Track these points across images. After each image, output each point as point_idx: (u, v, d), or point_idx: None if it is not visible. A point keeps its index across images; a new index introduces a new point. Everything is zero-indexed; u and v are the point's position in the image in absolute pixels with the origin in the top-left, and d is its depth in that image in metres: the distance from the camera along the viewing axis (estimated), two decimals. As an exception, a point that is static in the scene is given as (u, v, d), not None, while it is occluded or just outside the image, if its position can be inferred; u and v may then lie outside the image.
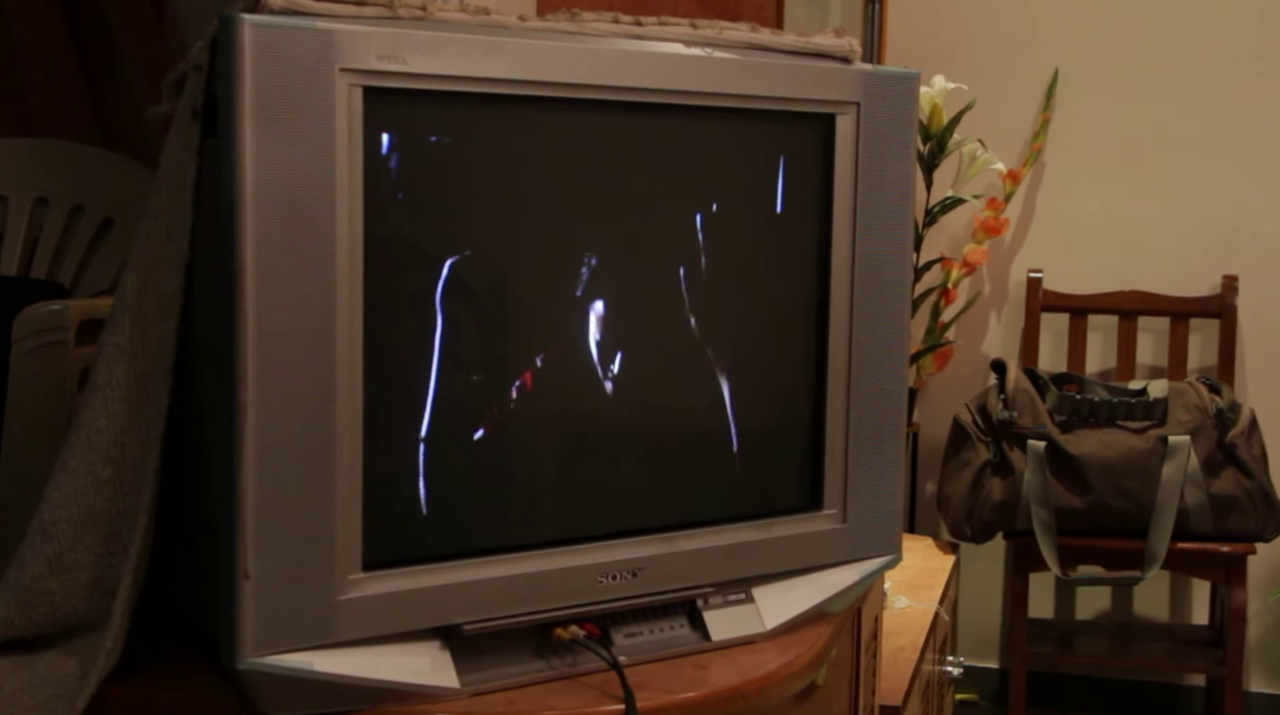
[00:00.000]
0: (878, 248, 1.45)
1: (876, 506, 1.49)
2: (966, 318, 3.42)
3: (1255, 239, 3.32)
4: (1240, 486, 2.99)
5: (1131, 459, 2.96)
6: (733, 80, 1.32)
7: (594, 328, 1.28)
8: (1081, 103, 3.36)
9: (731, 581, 1.38)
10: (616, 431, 1.31)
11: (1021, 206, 3.43)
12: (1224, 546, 2.99)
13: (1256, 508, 3.00)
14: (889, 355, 1.48)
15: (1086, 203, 3.40)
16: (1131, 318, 3.36)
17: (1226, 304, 3.30)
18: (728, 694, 1.27)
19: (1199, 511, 2.96)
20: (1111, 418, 3.02)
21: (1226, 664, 3.04)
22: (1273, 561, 3.24)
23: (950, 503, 3.09)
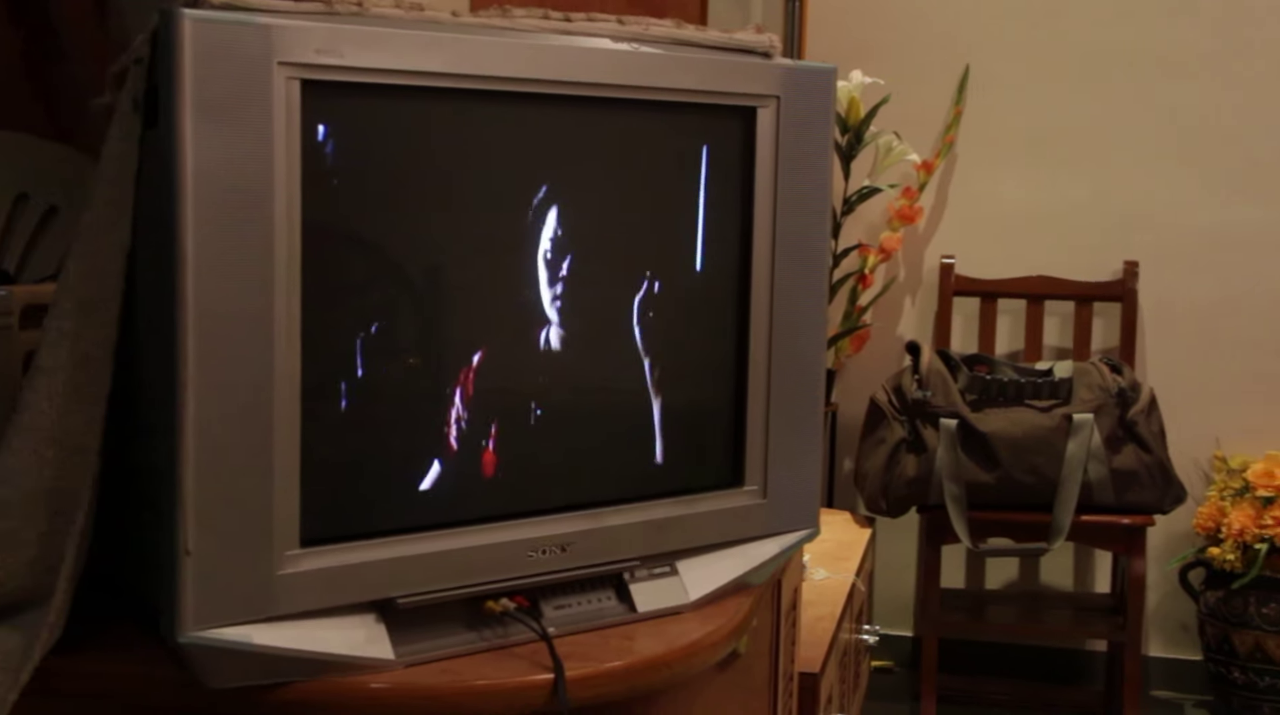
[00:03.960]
0: (797, 235, 1.47)
1: (796, 482, 1.51)
2: (883, 302, 3.46)
3: (1155, 226, 3.38)
4: (1140, 462, 3.05)
5: (1038, 436, 3.01)
6: (658, 74, 1.34)
7: (525, 312, 1.29)
8: (992, 96, 3.41)
9: (657, 555, 1.39)
10: (547, 412, 1.32)
11: (935, 195, 3.47)
12: (1125, 519, 3.05)
13: (1155, 482, 3.06)
14: (808, 338, 1.50)
15: (997, 192, 3.45)
16: (1039, 301, 3.41)
17: (1128, 288, 3.36)
18: (653, 662, 1.28)
19: (1101, 486, 3.02)
20: (1019, 397, 3.07)
21: (1127, 630, 3.10)
22: (1170, 532, 3.31)
23: (867, 479, 3.13)
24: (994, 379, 3.10)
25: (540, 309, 1.29)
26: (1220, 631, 3.19)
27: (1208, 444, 3.32)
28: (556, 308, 1.30)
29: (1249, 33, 3.31)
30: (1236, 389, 3.37)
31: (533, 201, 1.29)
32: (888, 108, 3.26)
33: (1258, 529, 3.10)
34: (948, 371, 3.12)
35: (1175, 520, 3.22)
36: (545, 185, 1.29)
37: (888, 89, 3.25)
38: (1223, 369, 3.37)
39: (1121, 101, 3.38)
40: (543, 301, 1.29)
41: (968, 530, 3.01)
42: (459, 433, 1.25)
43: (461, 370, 1.25)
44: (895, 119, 3.29)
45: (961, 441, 3.02)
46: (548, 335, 1.30)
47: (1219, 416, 3.35)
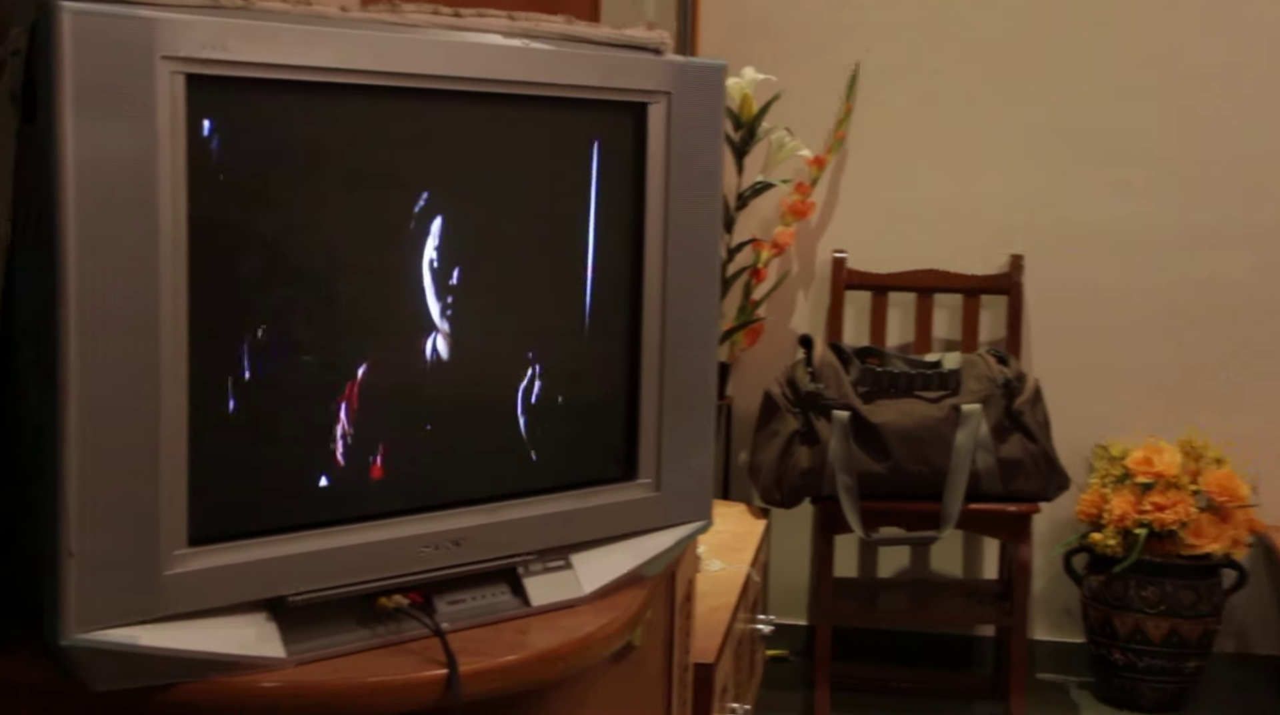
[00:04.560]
0: (689, 230, 1.48)
1: (689, 475, 1.52)
2: (776, 296, 3.49)
3: (1039, 221, 3.44)
4: (1026, 451, 3.11)
5: (928, 426, 3.06)
6: (549, 70, 1.33)
7: (416, 307, 1.28)
8: (882, 93, 3.45)
9: (551, 549, 1.39)
10: (439, 408, 1.31)
11: (827, 191, 3.50)
12: (1011, 506, 3.11)
13: (1040, 470, 3.12)
14: (700, 332, 1.51)
15: (887, 187, 3.49)
16: (928, 295, 3.46)
17: (1013, 282, 3.43)
18: (547, 656, 1.28)
19: (989, 474, 3.07)
20: (910, 388, 3.11)
21: (1013, 615, 3.16)
22: (1055, 519, 3.38)
23: (761, 470, 3.15)
24: (885, 371, 3.14)
25: (432, 305, 1.28)
26: (1102, 614, 3.27)
27: (1090, 433, 3.39)
28: (445, 305, 1.29)
29: (1130, 30, 3.38)
30: (1117, 379, 3.45)
31: (423, 196, 1.28)
32: (781, 104, 3.29)
33: (1137, 514, 3.18)
34: (840, 364, 3.15)
35: (1060, 507, 3.29)
36: (436, 181, 1.29)
37: (780, 86, 3.28)
38: (1104, 360, 3.45)
39: (1009, 99, 3.43)
40: (431, 300, 1.28)
41: (860, 520, 3.05)
42: (349, 431, 1.24)
43: (352, 370, 1.24)
44: (788, 115, 3.31)
45: (854, 433, 3.05)
46: (438, 334, 1.29)
47: (1100, 406, 3.43)
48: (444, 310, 1.29)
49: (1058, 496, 3.17)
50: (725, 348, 3.37)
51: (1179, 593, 3.19)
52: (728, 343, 3.36)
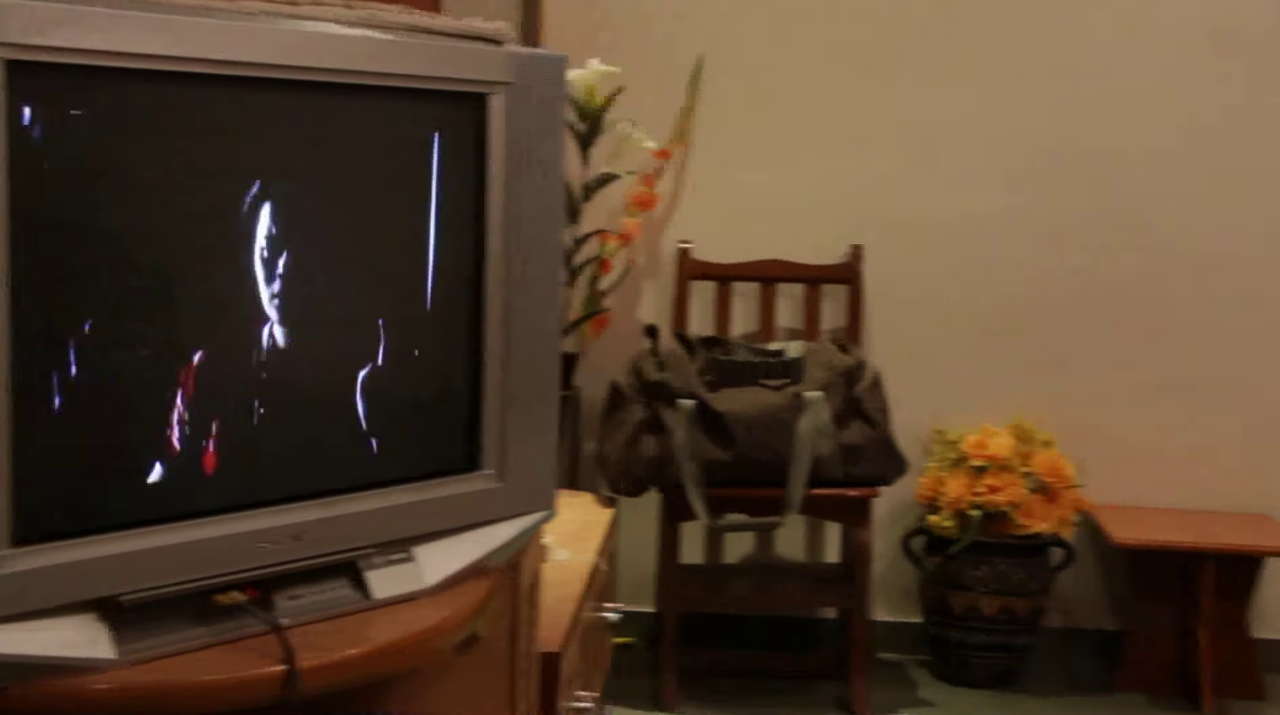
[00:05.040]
0: (531, 221, 1.48)
1: (532, 466, 1.52)
2: (623, 287, 3.50)
3: (878, 212, 3.51)
4: (866, 437, 3.17)
5: (771, 414, 3.10)
6: (387, 60, 1.32)
7: (250, 298, 1.25)
8: (726, 86, 3.48)
9: (393, 541, 1.38)
10: (276, 401, 1.29)
11: (673, 182, 3.52)
12: (852, 491, 3.17)
13: (880, 455, 3.19)
14: (543, 323, 1.51)
15: (731, 179, 3.53)
16: (771, 285, 3.51)
17: (854, 272, 3.49)
18: (389, 649, 1.27)
19: (831, 460, 3.12)
20: (753, 377, 3.15)
21: (855, 597, 3.23)
22: (894, 503, 3.46)
23: (608, 460, 3.16)
24: (729, 360, 3.17)
25: (268, 297, 1.26)
26: (939, 594, 3.36)
27: (927, 418, 3.47)
28: (280, 296, 1.27)
29: (971, 25, 3.46)
30: (953, 366, 3.54)
31: (254, 189, 1.25)
32: (626, 96, 3.30)
33: (972, 497, 3.27)
34: (685, 353, 3.18)
35: (899, 491, 3.36)
36: (271, 171, 1.26)
37: (625, 78, 3.29)
38: (941, 347, 3.54)
39: (850, 91, 3.49)
40: (265, 291, 1.26)
41: (705, 507, 3.08)
42: (181, 427, 1.21)
43: (183, 364, 1.21)
44: (633, 107, 3.32)
45: (699, 421, 3.08)
46: (273, 326, 1.27)
47: (937, 392, 3.51)
48: (279, 302, 1.27)
49: (896, 480, 3.24)
50: (572, 338, 3.37)
51: (1010, 571, 3.29)
52: (575, 333, 3.37)
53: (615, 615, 2.87)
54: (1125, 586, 3.50)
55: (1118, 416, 3.51)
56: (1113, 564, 3.54)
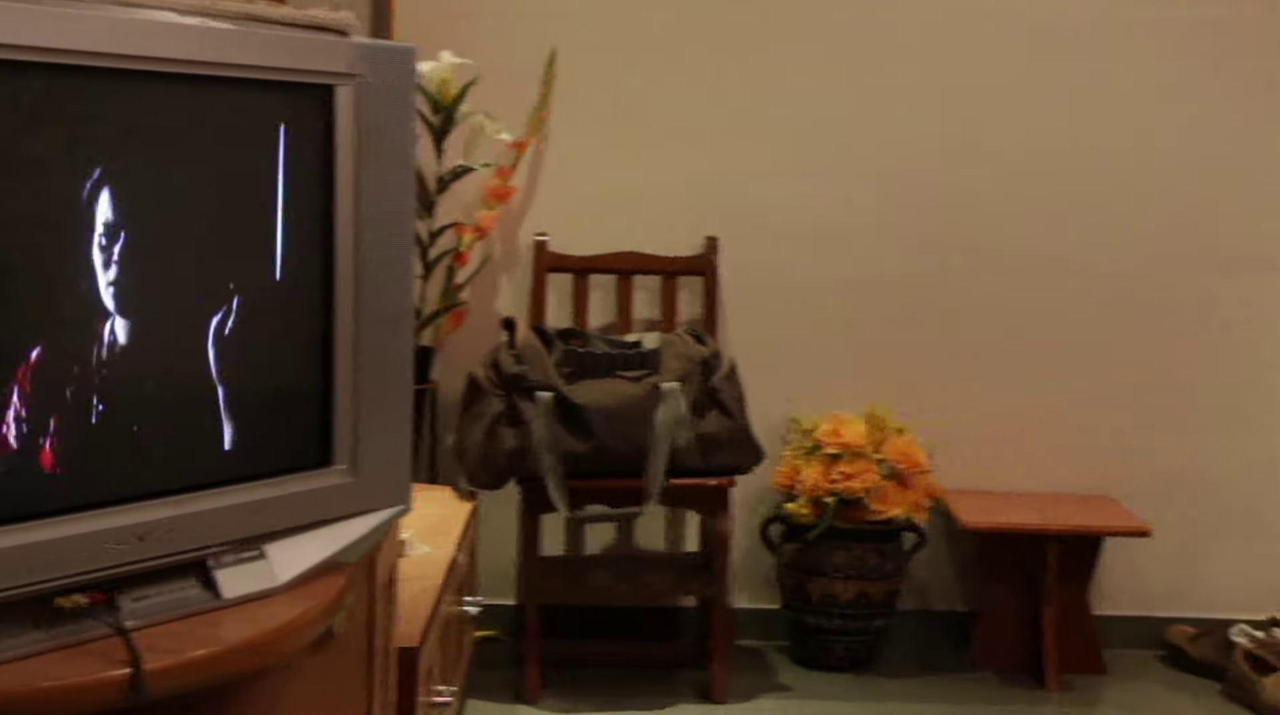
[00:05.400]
0: (382, 213, 1.46)
1: (386, 460, 1.51)
2: (480, 279, 3.49)
3: (733, 204, 3.55)
4: (723, 426, 3.20)
5: (629, 405, 3.11)
6: (227, 50, 1.29)
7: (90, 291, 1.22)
8: (580, 77, 3.48)
9: (244, 540, 1.36)
10: (119, 396, 1.26)
11: (528, 174, 3.52)
12: (710, 480, 3.20)
13: (737, 444, 3.22)
14: (395, 316, 1.50)
15: (587, 171, 3.53)
16: (628, 277, 3.52)
17: (709, 263, 3.52)
18: (240, 649, 1.25)
19: (689, 450, 3.14)
20: (611, 369, 3.17)
21: (714, 585, 3.26)
22: (751, 491, 3.50)
23: (467, 453, 3.15)
24: (587, 352, 3.18)
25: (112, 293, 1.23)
26: (797, 581, 3.41)
27: (783, 407, 3.52)
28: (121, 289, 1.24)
29: (826, 20, 3.52)
30: (808, 356, 3.59)
31: (92, 181, 1.22)
32: (481, 88, 3.28)
33: (828, 484, 3.33)
34: (543, 346, 3.18)
35: (756, 479, 3.40)
36: (107, 165, 1.23)
37: (479, 70, 3.27)
38: (796, 337, 3.59)
39: (705, 84, 3.52)
40: (106, 284, 1.23)
41: (565, 499, 3.08)
42: (17, 425, 1.17)
43: (20, 358, 1.17)
44: (488, 99, 3.31)
45: (558, 413, 3.08)
46: (115, 320, 1.24)
47: (792, 381, 3.56)
48: (120, 297, 1.23)
49: (753, 469, 3.28)
50: (429, 332, 3.35)
51: (866, 556, 3.35)
52: (432, 326, 3.34)
53: (476, 608, 2.87)
54: (975, 569, 3.59)
55: (966, 404, 3.60)
56: (963, 547, 3.63)
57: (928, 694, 3.28)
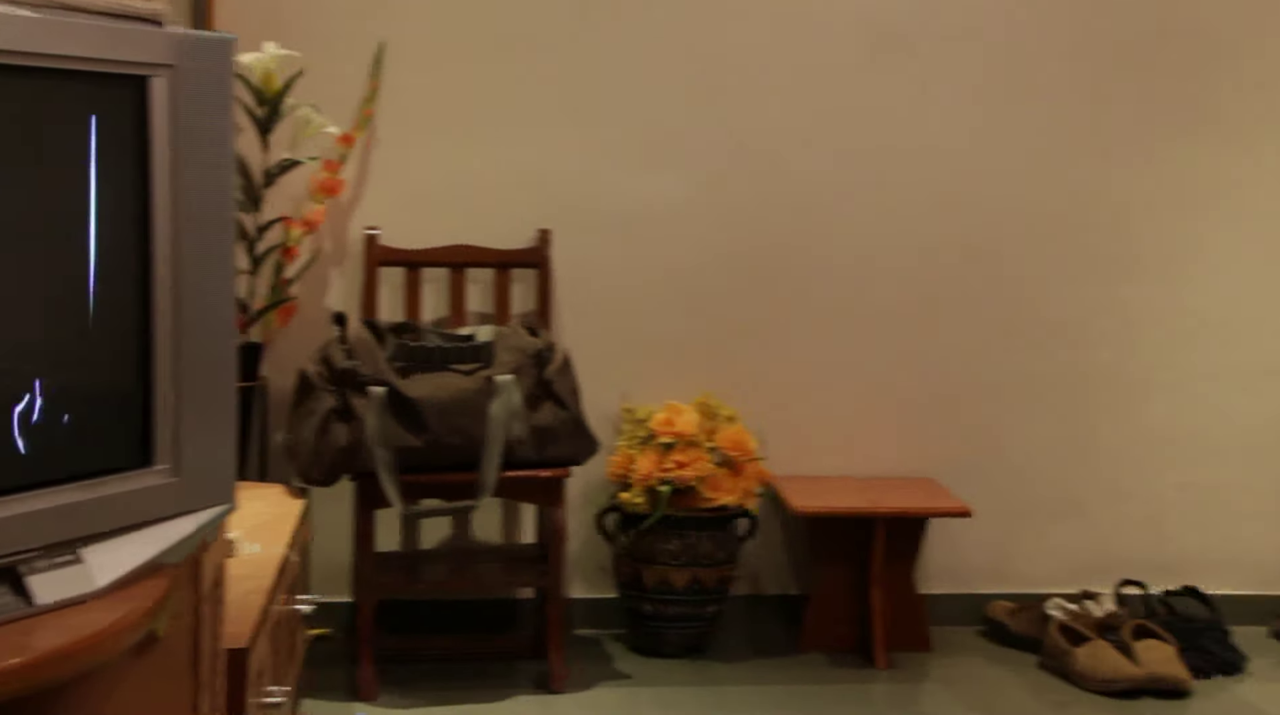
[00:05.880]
0: (201, 207, 1.43)
1: (210, 460, 1.47)
2: (310, 274, 3.43)
3: (566, 196, 3.55)
4: (557, 418, 3.20)
5: (463, 399, 3.10)
6: (35, 39, 1.25)
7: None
8: (409, 70, 3.45)
9: (58, 544, 1.31)
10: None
11: (359, 168, 3.47)
12: (545, 472, 3.20)
13: (572, 436, 3.23)
14: (217, 312, 1.47)
15: (418, 164, 3.50)
16: (461, 270, 3.50)
17: (542, 256, 3.52)
18: (55, 655, 1.21)
19: (523, 442, 3.14)
20: (444, 362, 3.14)
21: (550, 576, 3.26)
22: (587, 482, 3.51)
23: (299, 450, 3.09)
24: (419, 346, 3.15)
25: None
26: (632, 569, 3.43)
27: (617, 398, 3.54)
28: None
29: (653, 13, 3.53)
30: (641, 347, 3.61)
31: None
32: (308, 81, 3.22)
33: (661, 472, 3.35)
34: (374, 340, 3.14)
35: (591, 470, 3.41)
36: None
37: (305, 62, 3.21)
38: (629, 328, 3.61)
39: (534, 75, 3.51)
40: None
41: (399, 493, 3.05)
42: None
43: None
44: (315, 92, 3.25)
45: (390, 408, 3.05)
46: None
47: (626, 372, 3.58)
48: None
49: (588, 460, 3.29)
50: (258, 328, 3.28)
51: (699, 543, 3.39)
52: (260, 322, 3.27)
53: (309, 607, 2.82)
54: (806, 552, 3.66)
55: (796, 392, 3.67)
56: (794, 532, 3.70)
57: (760, 676, 3.34)
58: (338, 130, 3.29)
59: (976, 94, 3.65)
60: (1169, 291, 3.74)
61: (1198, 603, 3.65)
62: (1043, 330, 3.73)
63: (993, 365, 3.72)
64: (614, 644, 3.53)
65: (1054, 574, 3.74)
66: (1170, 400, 3.76)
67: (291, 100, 3.21)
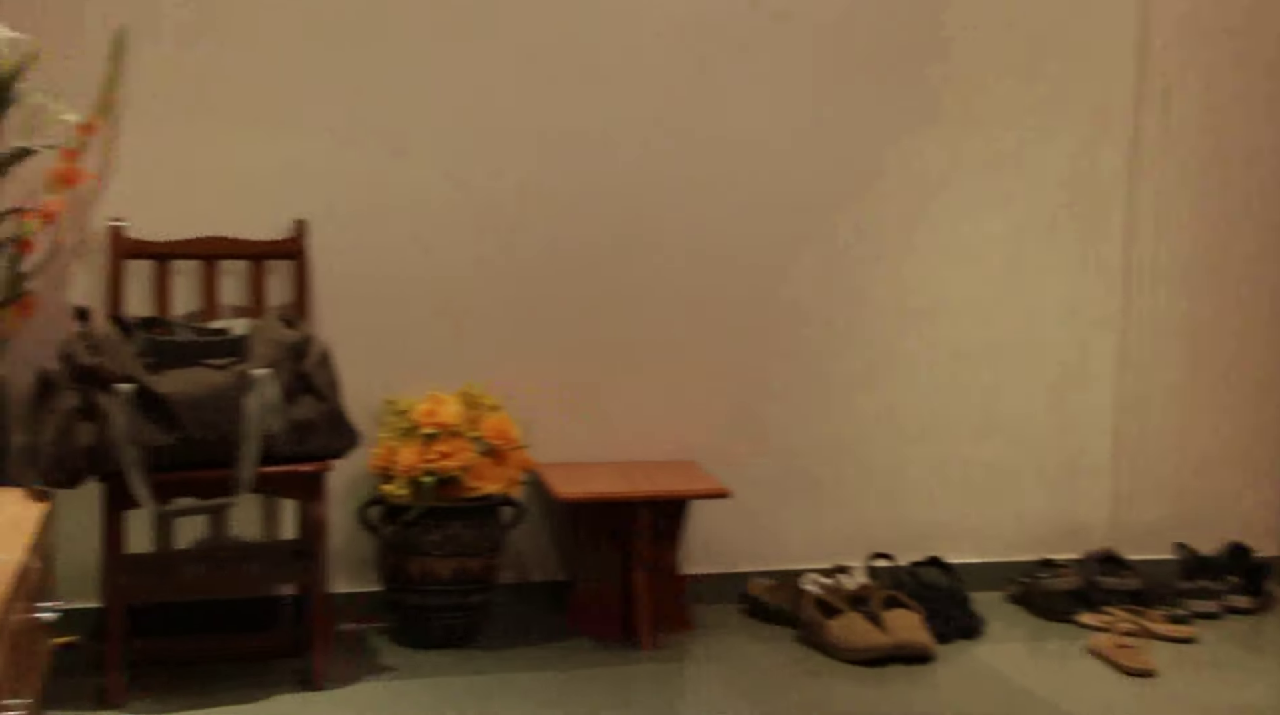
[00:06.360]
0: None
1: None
2: (51, 268, 3.26)
3: (323, 187, 3.47)
4: (317, 411, 3.13)
5: (217, 394, 2.99)
6: None
7: None
8: (157, 57, 3.31)
9: None
10: None
11: (101, 158, 3.31)
12: (305, 466, 3.12)
13: (332, 429, 3.15)
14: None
15: (167, 154, 3.36)
16: (213, 262, 3.39)
17: (298, 247, 3.43)
18: None
19: (282, 437, 3.05)
20: (197, 357, 3.03)
21: (313, 572, 3.18)
22: (350, 475, 3.45)
23: (40, 451, 2.94)
24: (169, 340, 3.04)
25: None
26: (397, 561, 3.39)
27: (379, 389, 3.48)
28: None
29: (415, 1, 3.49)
30: (402, 337, 3.57)
31: None
32: (47, 68, 3.06)
33: (425, 464, 3.32)
34: (121, 336, 3.01)
35: (353, 463, 3.35)
36: None
37: (38, 45, 3.05)
38: (389, 319, 3.56)
39: (289, 64, 3.42)
40: None
41: (150, 493, 2.93)
42: None
43: None
44: (52, 78, 3.10)
45: (139, 405, 2.93)
46: None
47: (387, 363, 3.53)
48: None
49: (350, 453, 3.22)
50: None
51: (463, 533, 3.37)
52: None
53: (54, 614, 2.69)
54: (571, 538, 3.68)
55: (558, 379, 3.68)
56: (559, 518, 3.71)
57: (527, 663, 3.34)
58: (76, 118, 3.14)
59: (722, 89, 3.71)
60: (902, 275, 3.88)
61: (941, 572, 3.81)
62: (792, 315, 3.82)
63: (748, 349, 3.80)
64: (379, 638, 3.48)
65: (809, 550, 3.86)
66: (909, 379, 3.91)
67: (25, 86, 3.04)
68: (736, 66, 3.72)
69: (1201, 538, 4.05)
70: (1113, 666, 3.40)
